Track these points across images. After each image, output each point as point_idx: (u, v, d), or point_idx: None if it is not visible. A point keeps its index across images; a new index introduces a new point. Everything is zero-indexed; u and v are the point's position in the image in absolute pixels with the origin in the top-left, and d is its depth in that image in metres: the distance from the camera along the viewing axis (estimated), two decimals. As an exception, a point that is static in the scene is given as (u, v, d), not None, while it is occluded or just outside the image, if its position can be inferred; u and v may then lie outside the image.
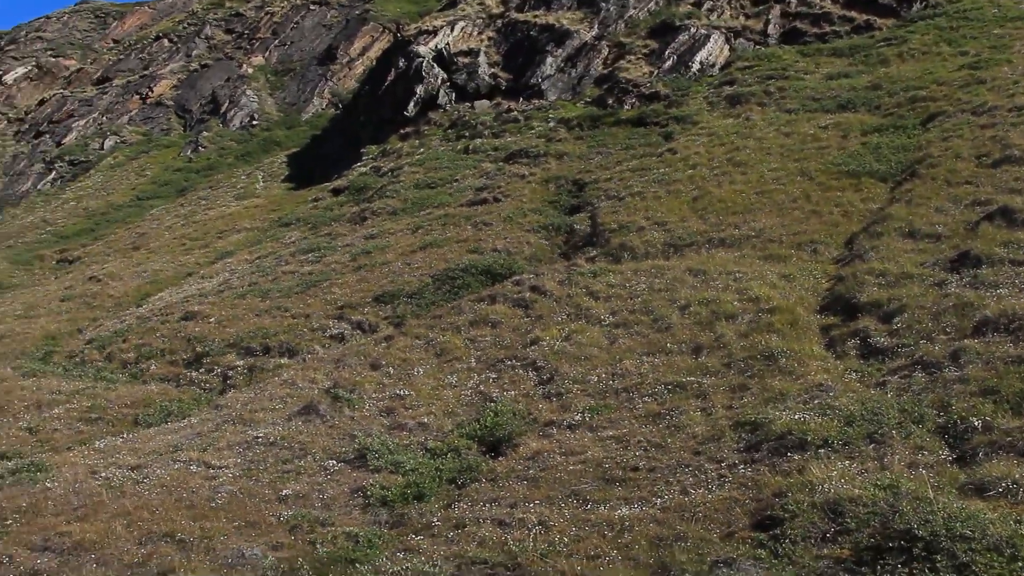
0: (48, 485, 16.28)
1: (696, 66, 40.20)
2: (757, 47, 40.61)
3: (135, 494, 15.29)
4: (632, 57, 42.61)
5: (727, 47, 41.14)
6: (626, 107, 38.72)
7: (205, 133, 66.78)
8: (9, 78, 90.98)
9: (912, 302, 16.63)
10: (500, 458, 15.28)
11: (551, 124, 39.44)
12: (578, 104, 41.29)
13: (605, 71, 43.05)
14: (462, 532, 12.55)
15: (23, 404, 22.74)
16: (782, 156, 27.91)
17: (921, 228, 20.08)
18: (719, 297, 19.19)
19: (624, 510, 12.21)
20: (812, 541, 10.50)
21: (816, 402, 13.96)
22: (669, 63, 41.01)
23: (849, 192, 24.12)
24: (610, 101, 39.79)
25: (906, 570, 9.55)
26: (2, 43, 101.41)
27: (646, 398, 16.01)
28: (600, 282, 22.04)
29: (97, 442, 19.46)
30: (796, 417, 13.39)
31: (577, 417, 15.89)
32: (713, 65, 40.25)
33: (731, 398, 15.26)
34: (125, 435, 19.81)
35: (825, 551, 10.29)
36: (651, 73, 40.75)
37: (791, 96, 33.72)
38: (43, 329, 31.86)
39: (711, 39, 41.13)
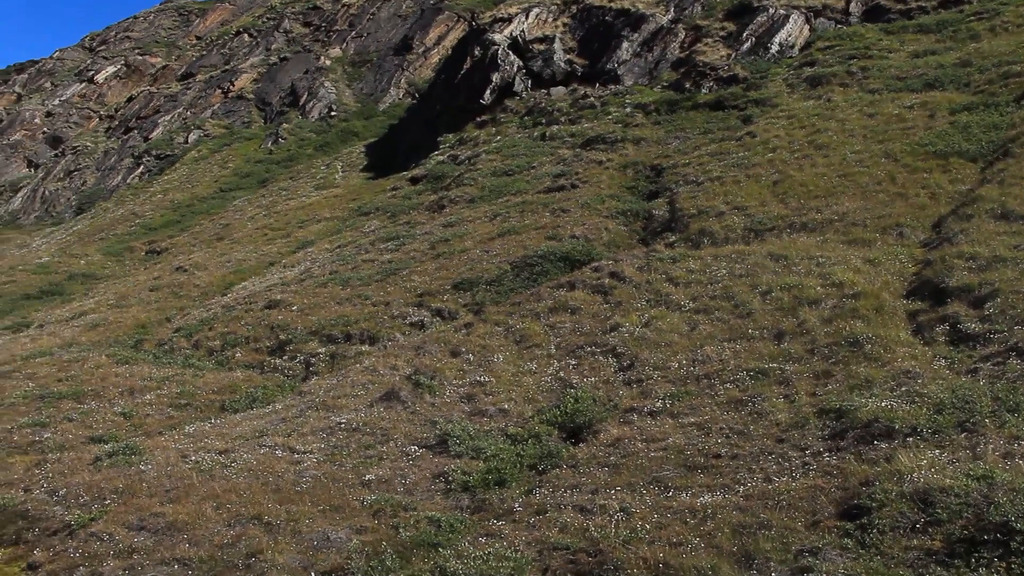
0: (142, 468, 16.85)
1: (775, 47, 39.48)
2: (838, 26, 39.69)
3: (223, 477, 15.71)
4: (709, 40, 42.05)
5: (807, 27, 40.30)
6: (703, 91, 38.25)
7: (285, 125, 67.98)
8: (100, 77, 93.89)
9: (1005, 286, 16.10)
10: (581, 444, 15.27)
11: (628, 109, 39.16)
12: (655, 89, 40.92)
13: (682, 55, 42.58)
14: (543, 518, 12.57)
15: (117, 390, 23.54)
16: (865, 138, 27.25)
17: (1015, 209, 19.41)
18: (801, 282, 18.85)
19: (706, 497, 12.09)
20: (901, 532, 10.25)
21: (903, 389, 13.63)
22: (747, 45, 40.36)
23: (936, 173, 23.43)
24: (687, 85, 39.36)
25: (1003, 564, 9.23)
26: (94, 44, 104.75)
27: (728, 384, 15.82)
28: (680, 268, 21.84)
29: (187, 427, 20.06)
30: (883, 404, 13.09)
31: (658, 403, 15.79)
32: (793, 46, 39.47)
33: (815, 385, 14.98)
34: (213, 420, 20.37)
35: (915, 542, 10.04)
36: (729, 56, 40.17)
37: (874, 76, 32.89)
38: (134, 318, 32.87)
39: (790, 19, 40.33)
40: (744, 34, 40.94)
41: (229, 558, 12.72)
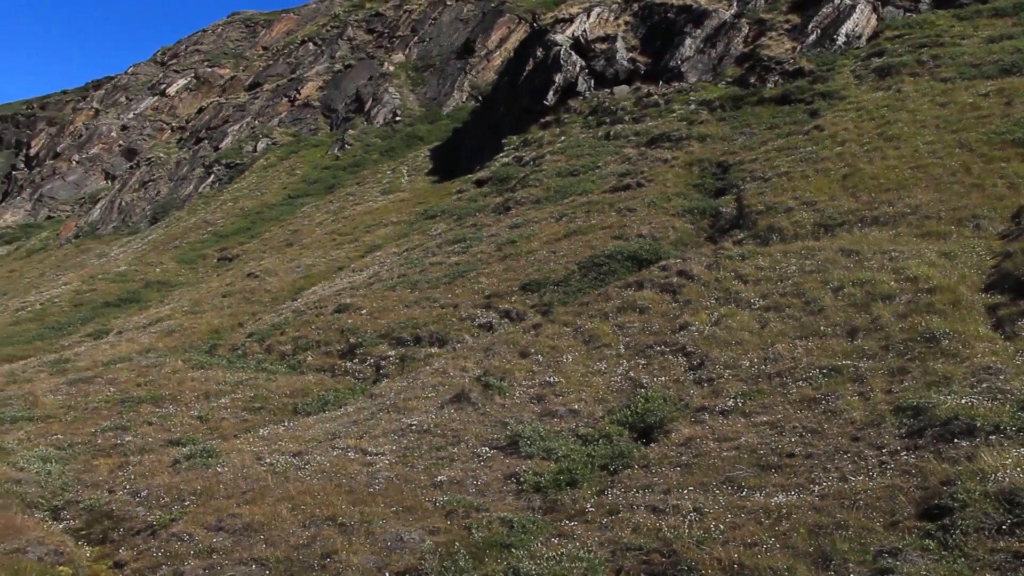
0: (219, 470, 17.22)
1: (841, 39, 38.78)
2: (907, 14, 38.81)
3: (298, 479, 15.97)
4: (773, 34, 41.49)
5: (874, 16, 39.50)
6: (769, 85, 37.76)
7: (350, 131, 68.81)
8: (171, 90, 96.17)
9: (1090, 278, 15.61)
10: (652, 444, 15.19)
11: (692, 106, 38.85)
12: (719, 85, 40.51)
13: (746, 49, 42.09)
14: (616, 518, 12.54)
15: (194, 394, 24.11)
16: (938, 128, 26.62)
17: (1098, 198, 18.81)
18: (874, 278, 18.49)
19: (780, 497, 11.94)
20: (986, 533, 9.99)
21: (984, 386, 13.27)
22: (813, 37, 39.73)
23: (1015, 163, 22.79)
24: (752, 80, 38.90)
25: (1094, 565, 8.98)
26: (165, 58, 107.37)
27: (800, 383, 15.58)
28: (749, 265, 21.59)
29: (261, 430, 20.45)
30: (963, 402, 12.77)
31: (729, 402, 15.63)
32: (860, 36, 38.72)
33: (890, 382, 14.68)
34: (286, 423, 20.73)
35: (1001, 544, 9.76)
36: (794, 49, 39.60)
37: (947, 64, 32.11)
38: (208, 324, 33.58)
39: (857, 9, 39.56)
40: (809, 26, 40.30)
41: (305, 559, 12.91)
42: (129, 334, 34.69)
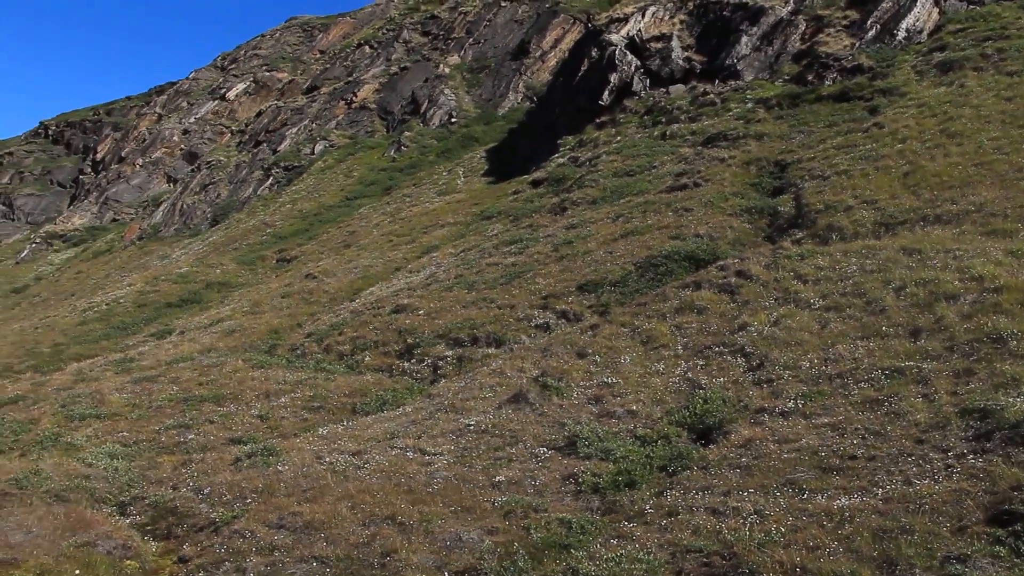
0: (279, 468, 17.48)
1: (902, 34, 38.08)
2: (971, 7, 38.00)
3: (357, 478, 16.14)
4: (831, 30, 40.89)
5: (935, 10, 38.72)
6: (827, 82, 37.22)
7: (407, 133, 69.28)
8: (231, 94, 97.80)
9: None
10: (711, 446, 15.09)
11: (749, 105, 38.46)
12: (776, 83, 40.04)
13: (803, 46, 41.54)
14: (675, 520, 12.47)
15: (254, 393, 24.49)
16: (1003, 123, 26.05)
17: None
18: (938, 277, 18.14)
19: (843, 500, 11.77)
20: (1059, 539, 9.77)
21: (1055, 387, 12.98)
22: (872, 33, 39.07)
23: (1085, 159, 22.24)
24: (810, 77, 38.38)
25: None
26: (225, 63, 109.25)
27: (862, 384, 15.36)
28: (808, 265, 21.32)
29: (320, 429, 20.70)
30: (1033, 404, 12.50)
31: (789, 404, 15.45)
32: (920, 31, 37.99)
33: (955, 384, 14.39)
34: (345, 422, 20.95)
35: (1076, 551, 9.55)
36: (852, 45, 38.98)
37: (1013, 57, 31.38)
38: (267, 324, 34.06)
39: (918, 3, 38.79)
40: (868, 22, 39.64)
41: (365, 557, 13.03)
42: (191, 334, 35.32)
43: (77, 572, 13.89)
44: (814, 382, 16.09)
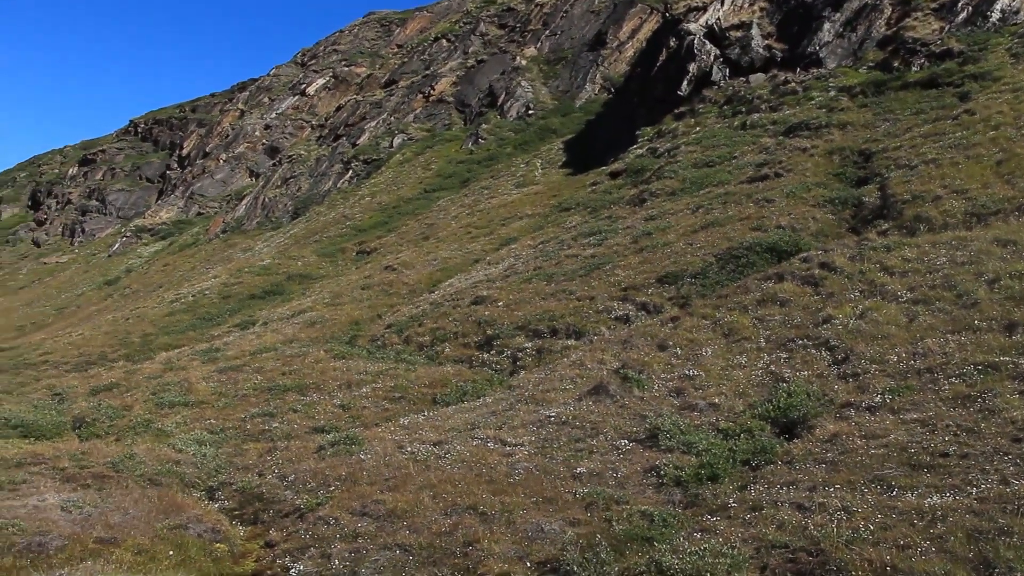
0: (362, 457, 17.77)
1: (995, 15, 36.77)
2: (1072, -12, 36.53)
3: (438, 468, 16.31)
4: (919, 14, 39.69)
5: (1034, -9, 37.30)
6: (914, 68, 36.17)
7: (484, 125, 69.51)
8: (311, 89, 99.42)
9: None
10: (795, 440, 14.84)
11: (832, 93, 37.63)
12: (860, 70, 39.06)
13: (889, 32, 40.40)
14: (759, 515, 12.30)
15: (336, 383, 24.90)
16: (1106, 110, 25.05)
17: None
18: (1034, 269, 17.57)
19: (935, 498, 11.46)
20: None
21: None
22: (963, 16, 37.82)
23: None
24: (896, 64, 37.34)
25: None
26: (305, 59, 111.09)
27: (952, 379, 14.93)
28: (895, 256, 20.81)
29: (401, 419, 20.96)
30: None
31: (876, 399, 15.11)
32: (1017, 11, 36.59)
33: (1054, 379, 13.92)
34: (425, 413, 21.17)
35: None
36: (941, 29, 37.79)
37: (1116, 39, 30.14)
38: (348, 315, 34.55)
39: (1015, -15, 37.44)
40: (959, 4, 38.36)
41: (447, 546, 13.17)
42: (273, 325, 36.02)
43: (171, 553, 14.34)
44: (902, 377, 15.71)
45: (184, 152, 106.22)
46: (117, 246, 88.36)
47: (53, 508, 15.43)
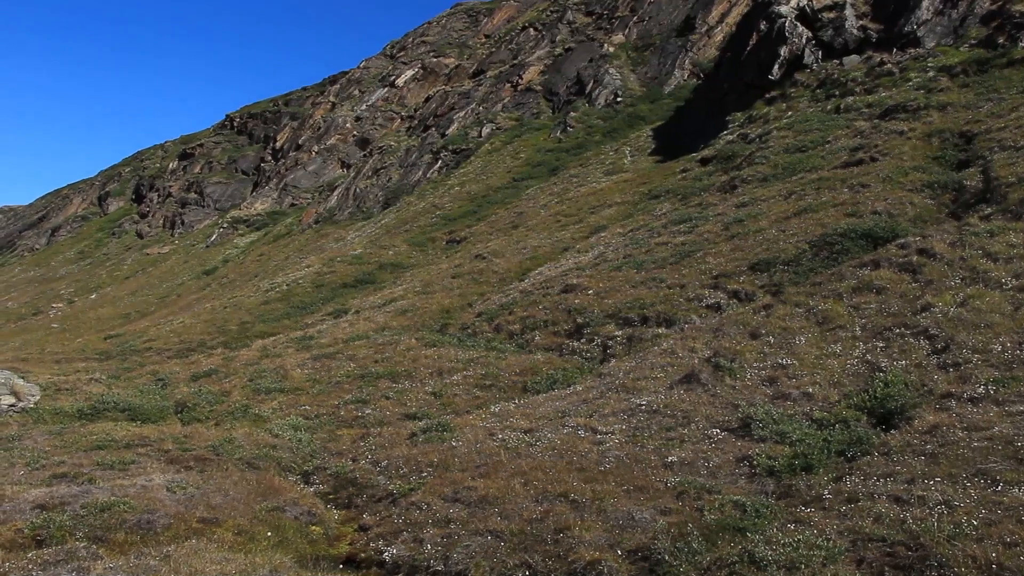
0: (453, 444, 18.00)
1: (1109, -12, 35.09)
2: None
3: (529, 455, 16.42)
4: (1027, -12, 38.11)
5: None
6: (1021, 44, 34.75)
7: (572, 113, 69.31)
8: (400, 81, 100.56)
9: None
10: (892, 431, 14.48)
11: (930, 73, 36.44)
12: (961, 48, 37.72)
13: (993, 7, 38.86)
14: (855, 507, 12.03)
15: (427, 371, 25.24)
16: None
17: None
18: None
19: (1043, 494, 11.08)
20: None
21: None
22: (1076, -11, 36.17)
23: None
24: (1000, 40, 35.93)
25: None
26: (394, 51, 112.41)
27: (1063, 370, 14.40)
28: (998, 242, 20.10)
29: (492, 406, 21.16)
30: None
31: (979, 389, 14.64)
32: None
33: None
34: (516, 401, 21.32)
35: None
36: (1053, 3, 36.22)
37: None
38: (438, 303, 34.93)
39: None
40: (1071, -23, 36.75)
41: (538, 533, 13.22)
42: (365, 313, 36.62)
43: (269, 534, 14.78)
44: (1007, 367, 15.19)
45: (278, 145, 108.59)
46: (215, 237, 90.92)
47: (159, 488, 16.05)
